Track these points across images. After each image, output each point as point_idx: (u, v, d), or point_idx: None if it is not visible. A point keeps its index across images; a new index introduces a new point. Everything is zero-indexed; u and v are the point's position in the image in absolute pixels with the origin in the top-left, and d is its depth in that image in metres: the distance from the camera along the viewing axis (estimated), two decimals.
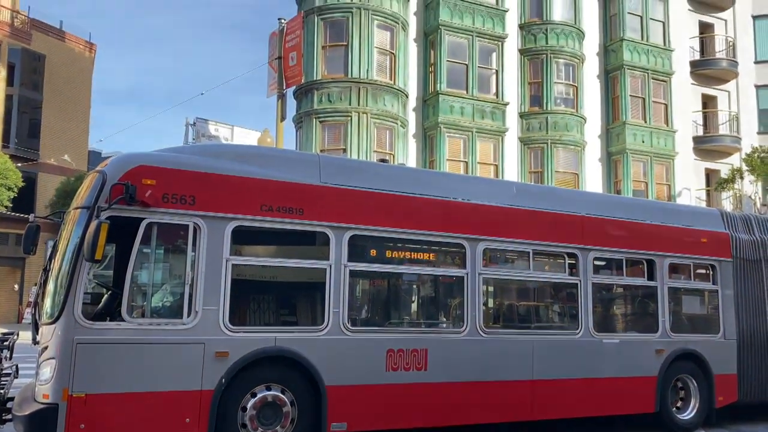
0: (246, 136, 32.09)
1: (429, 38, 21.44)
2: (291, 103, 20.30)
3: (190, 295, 5.97)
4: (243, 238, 6.34)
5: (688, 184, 25.37)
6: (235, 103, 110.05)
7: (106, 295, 6.77)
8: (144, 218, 5.83)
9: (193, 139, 29.70)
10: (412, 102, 21.17)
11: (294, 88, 18.98)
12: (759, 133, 27.59)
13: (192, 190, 6.07)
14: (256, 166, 6.54)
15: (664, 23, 25.12)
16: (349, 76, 19.49)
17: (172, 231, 6.09)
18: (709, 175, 26.69)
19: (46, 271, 6.28)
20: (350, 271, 6.73)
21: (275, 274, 6.80)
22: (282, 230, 6.51)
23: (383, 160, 9.53)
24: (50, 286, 6.04)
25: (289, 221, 6.48)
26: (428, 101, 21.14)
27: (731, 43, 27.82)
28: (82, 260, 5.50)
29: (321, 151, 19.29)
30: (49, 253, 6.58)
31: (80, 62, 35.78)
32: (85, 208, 5.82)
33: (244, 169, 6.42)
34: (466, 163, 20.84)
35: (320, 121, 19.58)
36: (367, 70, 19.54)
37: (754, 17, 28.57)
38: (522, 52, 22.70)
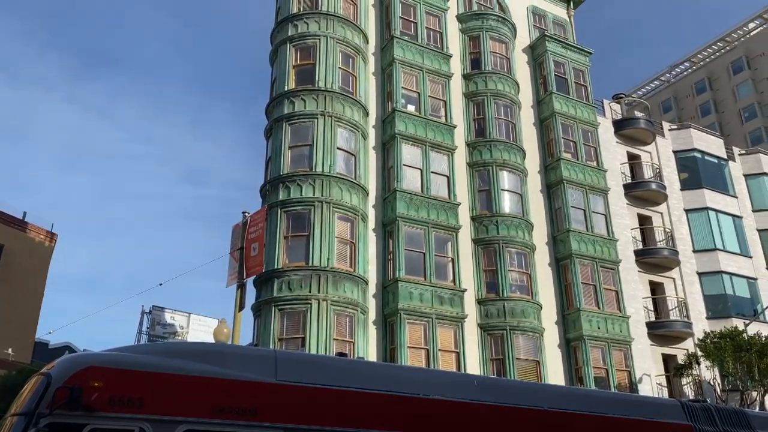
0: (203, 324, 31.51)
1: (387, 228, 22.37)
2: (251, 290, 20.33)
3: None
4: None
5: (648, 369, 25.46)
6: (194, 289, 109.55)
7: None
8: (87, 424, 5.48)
9: (148, 327, 28.98)
10: (372, 288, 21.44)
11: (254, 276, 19.12)
12: (708, 318, 28.51)
13: (140, 392, 5.81)
14: (210, 364, 6.37)
15: (605, 216, 26.95)
16: (310, 264, 19.84)
17: None
18: (667, 360, 26.96)
19: None
20: None
21: None
22: None
23: (342, 354, 9.40)
24: None
25: (241, 423, 6.17)
26: (388, 288, 21.45)
27: (669, 234, 29.81)
28: None
29: (279, 339, 18.96)
30: None
31: (39, 252, 35.72)
32: (24, 414, 5.48)
33: (197, 368, 6.24)
34: (428, 350, 20.64)
35: (279, 309, 19.47)
36: (328, 259, 19.98)
37: (687, 211, 31.04)
38: (475, 241, 23.76)
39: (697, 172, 32.05)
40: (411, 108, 24.25)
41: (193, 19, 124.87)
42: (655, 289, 28.56)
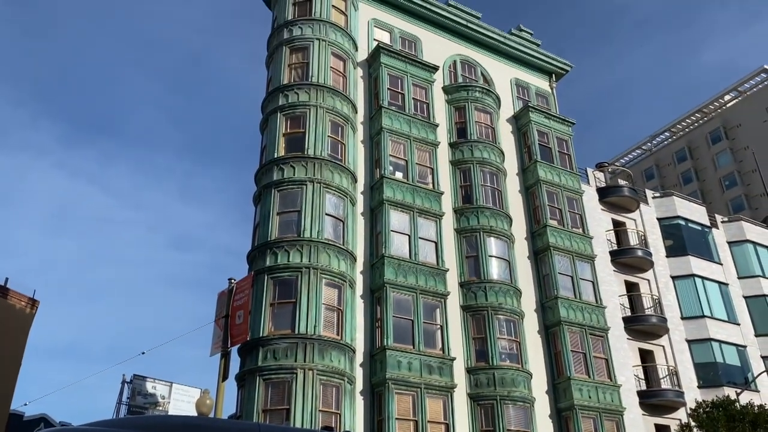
0: (185, 394, 30.60)
1: (375, 295, 22.17)
2: (235, 358, 19.87)
3: None
4: None
5: None
6: (177, 358, 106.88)
7: None
8: None
9: (128, 398, 28.08)
10: (359, 358, 21.01)
11: (239, 345, 18.73)
12: (699, 387, 28.13)
13: None
14: None
15: (593, 282, 26.98)
16: (296, 331, 19.49)
17: None
18: (660, 430, 26.38)
19: None
20: None
21: None
22: None
23: (328, 428, 9.12)
24: None
25: None
26: (376, 356, 21.06)
27: (657, 301, 29.80)
28: None
29: (263, 411, 18.39)
30: None
31: (20, 319, 34.77)
32: None
33: None
34: (416, 422, 20.08)
35: (264, 379, 18.97)
36: (315, 326, 19.63)
37: (673, 277, 31.16)
38: (464, 308, 23.58)
39: (682, 239, 32.40)
40: (399, 175, 24.57)
41: (185, 87, 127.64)
42: (645, 356, 28.28)
